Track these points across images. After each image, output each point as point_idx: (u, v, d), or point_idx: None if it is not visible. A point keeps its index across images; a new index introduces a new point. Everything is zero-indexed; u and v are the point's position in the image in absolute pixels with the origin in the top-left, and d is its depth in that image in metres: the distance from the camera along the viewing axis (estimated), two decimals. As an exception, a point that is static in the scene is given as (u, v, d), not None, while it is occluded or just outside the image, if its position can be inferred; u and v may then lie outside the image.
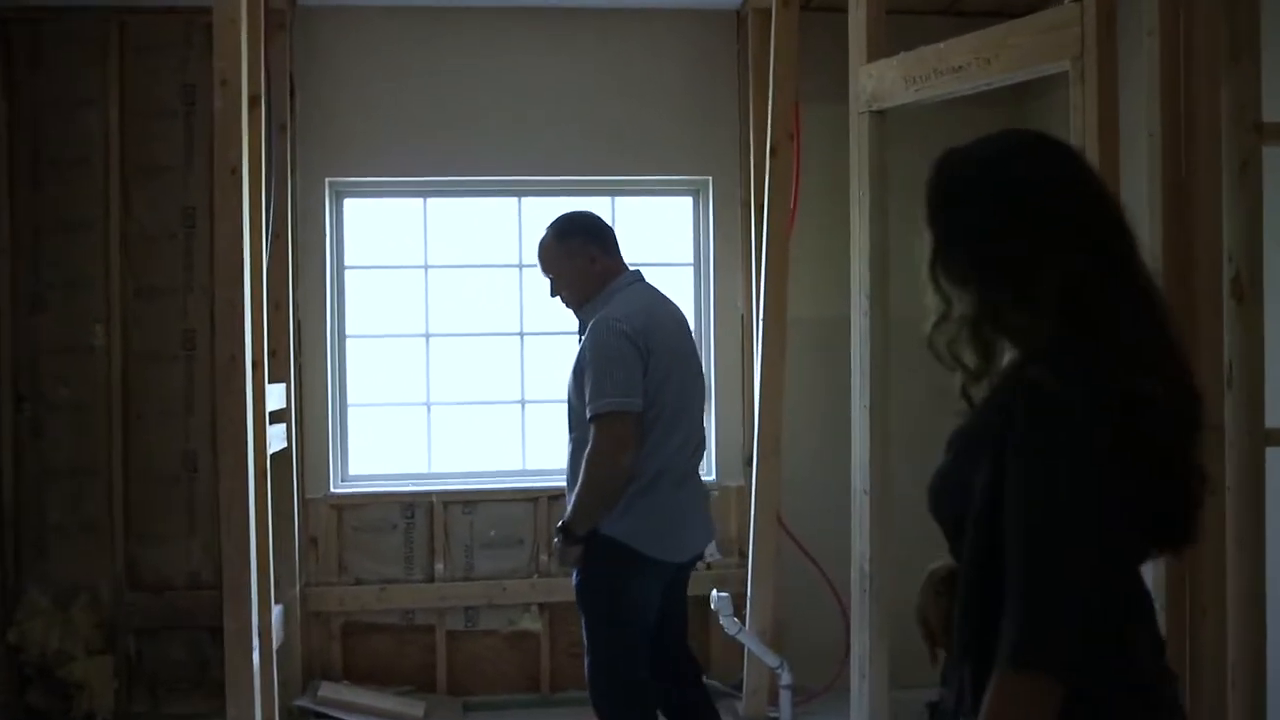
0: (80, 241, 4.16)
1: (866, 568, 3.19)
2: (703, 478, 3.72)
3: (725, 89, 4.48)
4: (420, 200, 4.50)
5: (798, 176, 4.08)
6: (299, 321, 4.28)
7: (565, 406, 3.07)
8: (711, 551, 4.46)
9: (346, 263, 4.45)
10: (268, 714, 3.54)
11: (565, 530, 2.90)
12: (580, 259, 3.03)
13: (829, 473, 4.14)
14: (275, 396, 3.92)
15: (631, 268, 3.14)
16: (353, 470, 4.48)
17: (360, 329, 4.49)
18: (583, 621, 3.03)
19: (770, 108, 4.00)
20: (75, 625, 4.11)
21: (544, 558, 4.41)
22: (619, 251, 3.13)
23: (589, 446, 2.84)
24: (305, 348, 4.31)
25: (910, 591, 1.53)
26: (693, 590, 4.34)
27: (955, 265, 1.30)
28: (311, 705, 4.11)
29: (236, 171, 3.47)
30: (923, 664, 1.48)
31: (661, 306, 3.10)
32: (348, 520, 4.37)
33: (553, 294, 3.14)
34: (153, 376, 4.20)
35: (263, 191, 3.73)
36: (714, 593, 3.99)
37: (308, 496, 4.31)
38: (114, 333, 4.16)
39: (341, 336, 4.44)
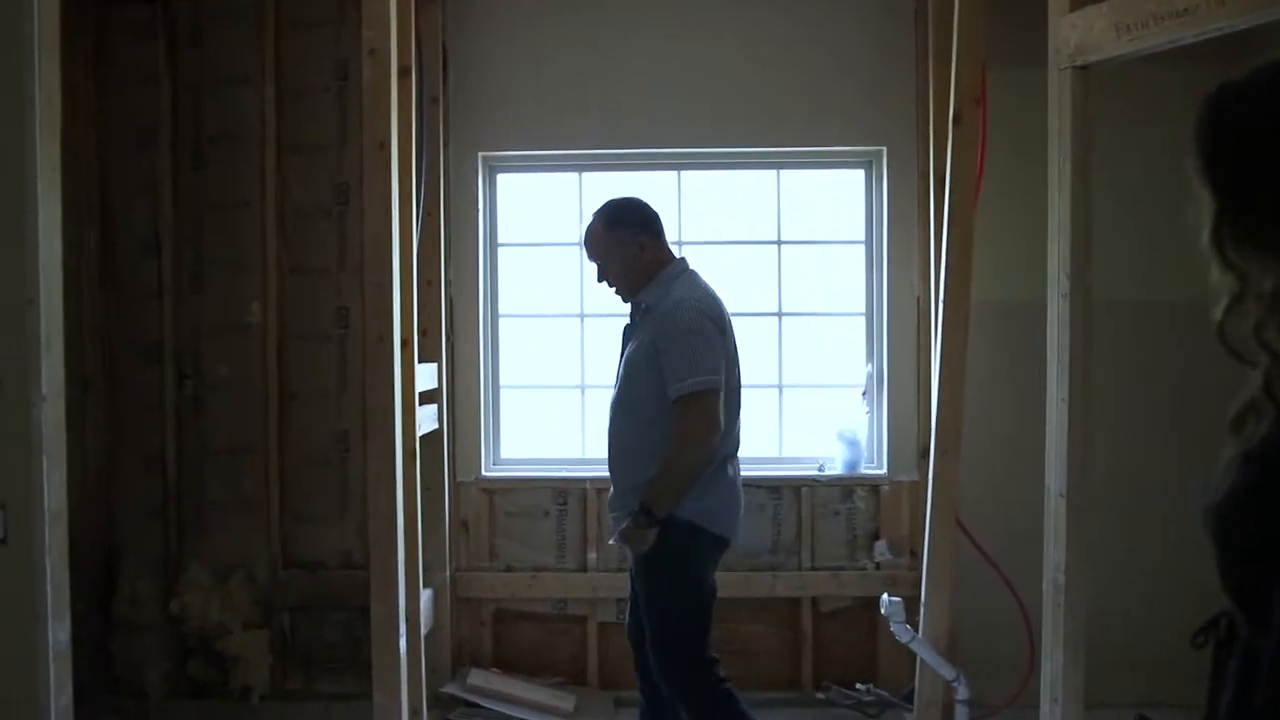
0: (238, 220, 4.15)
1: (1060, 579, 2.84)
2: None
3: (901, 51, 4.12)
4: (575, 175, 4.32)
5: (984, 146, 3.70)
6: (451, 300, 4.17)
7: (616, 391, 3.08)
8: (881, 551, 4.17)
9: (500, 240, 4.32)
10: (415, 700, 3.45)
11: (647, 512, 2.86)
12: (630, 247, 3.04)
13: (1013, 470, 3.80)
14: (426, 377, 3.80)
15: (678, 255, 3.16)
16: (504, 454, 4.35)
17: (513, 308, 4.35)
18: (650, 604, 3.01)
19: (954, 70, 3.63)
20: (233, 600, 4.13)
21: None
22: (666, 239, 3.15)
23: (678, 427, 2.85)
24: (457, 327, 4.20)
25: (1108, 605, 1.22)
26: (860, 591, 4.13)
27: (1253, 228, 0.98)
28: (460, 693, 4.01)
29: (385, 145, 3.35)
30: (1121, 684, 1.16)
31: (715, 292, 3.13)
32: (499, 505, 4.25)
33: (600, 280, 3.15)
34: (307, 355, 4.17)
35: (413, 167, 3.61)
36: (884, 597, 3.69)
37: (459, 480, 4.22)
38: (270, 311, 4.14)
39: (494, 316, 4.32)
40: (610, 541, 3.34)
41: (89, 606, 4.07)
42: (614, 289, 3.15)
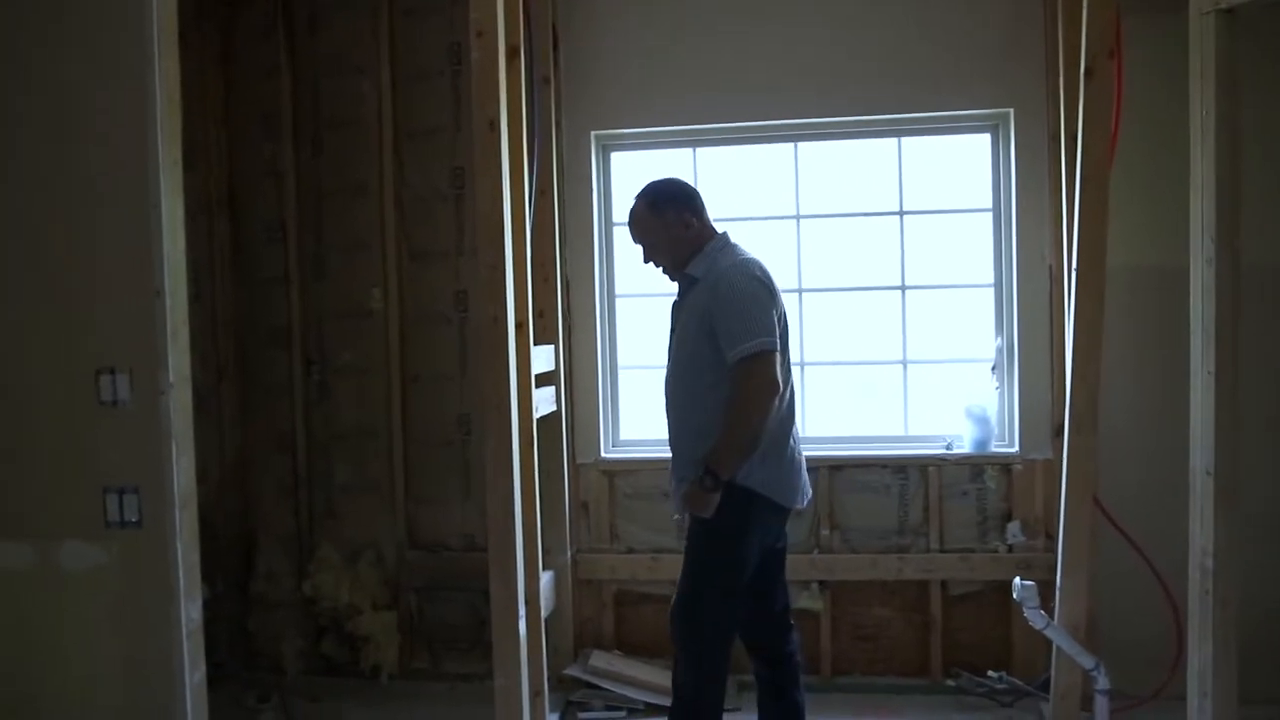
0: (357, 206, 4.23)
1: (1209, 564, 2.65)
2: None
3: (1027, 3, 3.90)
4: (689, 150, 4.24)
5: (1119, 101, 3.48)
6: (567, 281, 4.16)
7: (670, 365, 3.09)
8: (1014, 533, 4.00)
9: (615, 219, 4.28)
10: (536, 681, 3.46)
11: (712, 475, 2.83)
12: (676, 227, 3.06)
13: (1154, 446, 3.62)
14: (543, 359, 3.80)
15: (720, 230, 3.14)
16: (624, 435, 4.33)
17: (630, 288, 4.31)
18: (690, 562, 3.04)
19: (1085, 20, 3.41)
20: (363, 581, 4.23)
21: (825, 532, 4.09)
22: (708, 215, 3.15)
23: (738, 390, 2.83)
24: (574, 308, 4.19)
25: (1261, 593, 1.10)
26: (991, 575, 3.96)
27: None
28: (582, 674, 4.02)
29: (495, 126, 3.34)
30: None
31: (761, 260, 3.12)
32: (619, 486, 4.23)
33: (646, 261, 3.17)
34: (427, 339, 4.22)
35: (524, 148, 3.60)
36: (1017, 581, 3.52)
37: (578, 462, 4.21)
38: (390, 296, 4.21)
39: (611, 296, 4.29)
40: (674, 517, 3.30)
41: (228, 584, 4.24)
42: (660, 268, 3.16)
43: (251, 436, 4.32)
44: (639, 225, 3.12)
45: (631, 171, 4.28)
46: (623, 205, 4.25)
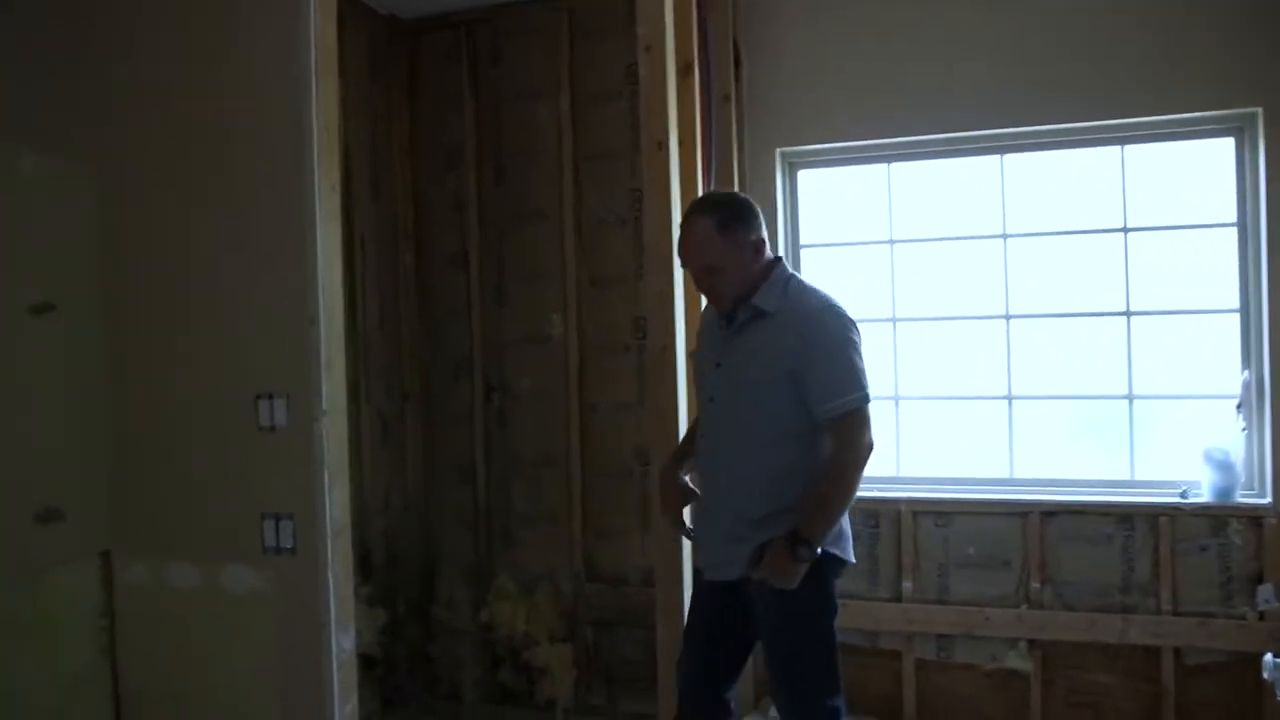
0: (538, 232, 4.18)
1: None
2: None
3: (1278, -14, 3.39)
4: (883, 166, 3.94)
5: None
6: (751, 306, 3.94)
7: (718, 406, 2.70)
8: (1266, 597, 3.44)
9: (801, 240, 4.03)
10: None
11: (807, 543, 2.52)
12: (748, 249, 2.65)
13: None
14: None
15: (777, 255, 2.80)
16: (810, 470, 4.05)
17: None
18: (790, 640, 2.67)
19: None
20: (539, 611, 4.16)
21: (1035, 585, 3.67)
22: None
23: (843, 452, 2.55)
24: (757, 336, 3.96)
25: None
26: (1237, 645, 3.42)
27: None
28: (763, 726, 3.77)
29: (664, 146, 3.19)
30: None
31: None
32: (804, 526, 3.95)
33: (703, 288, 2.72)
34: (606, 367, 4.11)
35: (698, 167, 3.43)
36: (1268, 657, 3.02)
37: (760, 498, 3.97)
38: (570, 323, 4.13)
39: (797, 322, 4.03)
40: (749, 574, 2.67)
41: (410, 609, 4.26)
42: (717, 296, 2.69)
43: (435, 463, 4.34)
44: (704, 248, 2.64)
45: (819, 189, 4.02)
46: (810, 225, 4.02)
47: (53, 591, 2.87)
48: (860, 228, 3.99)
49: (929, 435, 3.94)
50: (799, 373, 2.56)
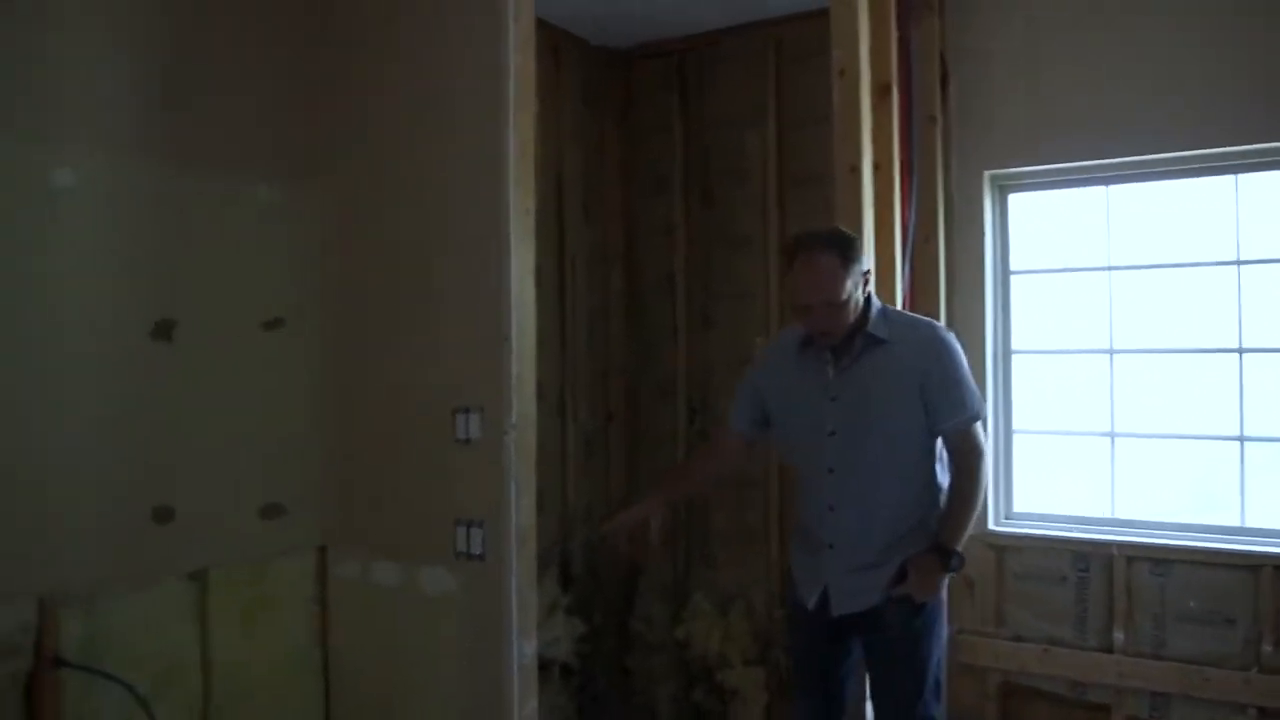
0: (743, 256, 4.22)
1: None
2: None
3: None
4: (1101, 189, 3.72)
5: None
6: (957, 331, 3.81)
7: (874, 427, 2.69)
8: None
9: (1012, 267, 3.86)
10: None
11: (959, 556, 2.69)
12: (861, 283, 2.68)
13: None
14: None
15: None
16: (1018, 507, 3.87)
17: (1028, 344, 3.86)
18: (915, 651, 2.73)
19: None
20: (734, 632, 4.17)
21: (1267, 648, 3.35)
22: None
23: (976, 455, 2.70)
24: (961, 364, 3.83)
25: None
26: None
27: None
28: (955, 771, 3.62)
29: (857, 170, 3.18)
30: None
31: None
32: (1008, 565, 3.78)
33: (817, 323, 2.67)
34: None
35: (895, 191, 3.37)
36: None
37: (962, 533, 3.82)
38: (771, 345, 4.13)
39: (1006, 352, 3.87)
40: (891, 595, 2.72)
41: (609, 620, 4.37)
42: (831, 331, 2.67)
43: (636, 481, 4.44)
44: (829, 283, 2.60)
45: (1030, 214, 3.85)
46: (1021, 251, 3.86)
47: (274, 580, 3.14)
48: (1074, 253, 3.79)
49: (1148, 475, 3.68)
50: (927, 390, 2.67)
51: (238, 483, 3.04)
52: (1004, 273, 3.87)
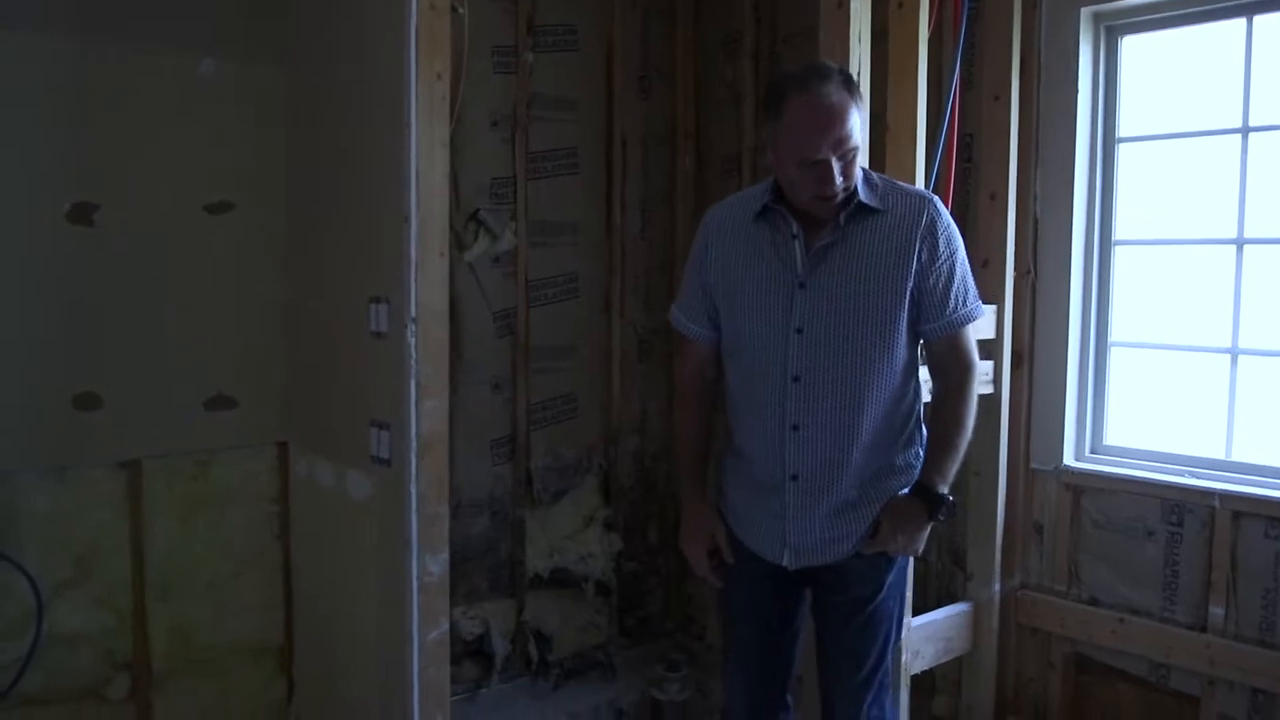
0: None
1: None
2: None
3: None
4: (1241, 20, 2.76)
5: None
6: (1035, 217, 3.04)
7: (855, 326, 2.08)
8: None
9: (1120, 133, 2.99)
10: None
11: (943, 496, 2.14)
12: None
13: None
14: (980, 322, 2.82)
15: None
16: (1109, 439, 3.07)
17: (1135, 232, 3.00)
18: (881, 612, 2.23)
19: None
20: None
21: None
22: None
23: (970, 364, 2.17)
24: (1042, 255, 3.05)
25: None
26: None
27: None
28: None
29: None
30: None
31: None
32: (1087, 509, 3.01)
33: (826, 183, 2.00)
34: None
35: (922, 17, 2.67)
36: None
37: (1032, 466, 3.09)
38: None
39: (1106, 240, 3.02)
40: (860, 549, 2.18)
41: (667, 539, 4.01)
42: (834, 191, 2.01)
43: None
44: (847, 118, 1.98)
45: (1145, 63, 2.95)
46: (1133, 113, 2.99)
47: (224, 473, 3.07)
48: (1191, 115, 2.87)
49: (1277, 407, 2.77)
50: (922, 278, 2.09)
51: (178, 373, 2.97)
52: (1107, 139, 3.00)
